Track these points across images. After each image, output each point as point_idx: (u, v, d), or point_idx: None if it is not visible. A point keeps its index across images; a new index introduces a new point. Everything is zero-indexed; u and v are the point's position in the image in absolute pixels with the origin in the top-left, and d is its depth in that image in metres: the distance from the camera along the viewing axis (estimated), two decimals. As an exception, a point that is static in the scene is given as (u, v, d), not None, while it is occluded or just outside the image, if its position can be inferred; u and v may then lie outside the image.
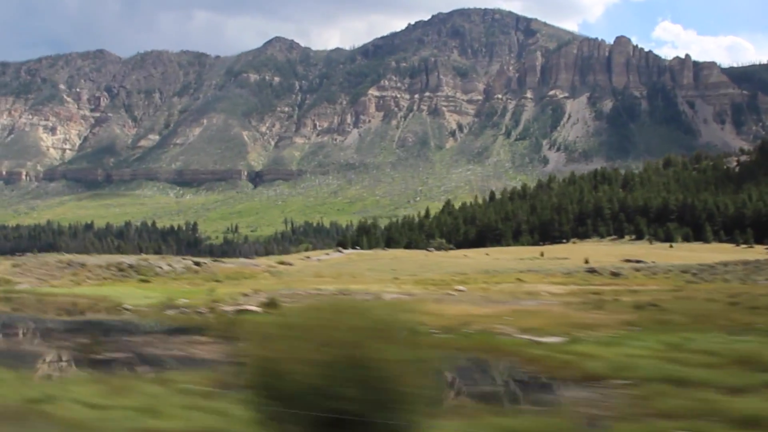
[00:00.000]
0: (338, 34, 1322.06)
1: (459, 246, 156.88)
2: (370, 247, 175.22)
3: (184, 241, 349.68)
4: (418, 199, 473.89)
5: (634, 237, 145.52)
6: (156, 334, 23.95)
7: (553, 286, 38.58)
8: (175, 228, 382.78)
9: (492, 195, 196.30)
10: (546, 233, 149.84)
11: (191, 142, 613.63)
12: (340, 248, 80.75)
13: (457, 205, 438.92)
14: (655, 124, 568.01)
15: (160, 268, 56.94)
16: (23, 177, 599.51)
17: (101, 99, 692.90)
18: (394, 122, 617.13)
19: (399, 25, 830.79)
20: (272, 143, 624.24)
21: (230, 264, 65.55)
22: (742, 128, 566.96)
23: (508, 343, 18.30)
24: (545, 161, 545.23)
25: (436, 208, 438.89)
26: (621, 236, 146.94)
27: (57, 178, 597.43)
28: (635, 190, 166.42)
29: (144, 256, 73.66)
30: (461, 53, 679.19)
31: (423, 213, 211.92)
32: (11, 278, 47.65)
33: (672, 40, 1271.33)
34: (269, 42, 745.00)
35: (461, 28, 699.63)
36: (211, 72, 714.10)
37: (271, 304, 27.31)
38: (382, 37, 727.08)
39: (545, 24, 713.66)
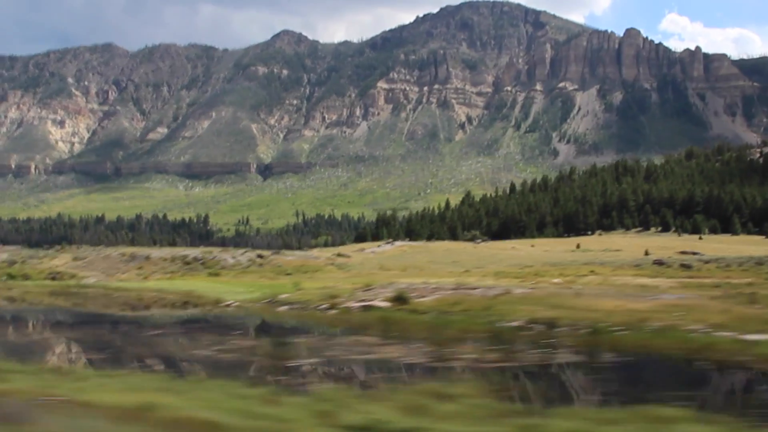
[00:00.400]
0: (344, 27, 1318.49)
1: (481, 237, 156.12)
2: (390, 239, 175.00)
3: (196, 234, 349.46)
4: (428, 191, 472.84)
5: (660, 229, 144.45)
6: (312, 334, 23.00)
7: (645, 279, 37.56)
8: (186, 220, 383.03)
9: (512, 187, 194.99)
10: (570, 225, 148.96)
11: (200, 135, 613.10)
12: (391, 240, 79.41)
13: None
14: (665, 117, 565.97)
15: (225, 260, 56.10)
16: (32, 170, 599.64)
17: (109, 92, 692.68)
18: (403, 114, 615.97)
19: (406, 18, 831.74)
20: (281, 136, 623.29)
21: (290, 257, 64.40)
22: (753, 120, 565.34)
23: (720, 342, 17.32)
24: (555, 153, 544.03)
25: (444, 199, 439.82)
26: (647, 228, 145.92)
27: (66, 171, 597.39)
28: (659, 181, 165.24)
29: (208, 248, 72.63)
30: (470, 46, 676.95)
31: (442, 205, 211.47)
32: (77, 272, 47.12)
33: (679, 33, 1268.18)
34: (277, 35, 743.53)
35: (470, 21, 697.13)
36: (219, 65, 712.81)
37: (400, 300, 26.37)
38: (391, 30, 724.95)
39: (554, 16, 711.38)
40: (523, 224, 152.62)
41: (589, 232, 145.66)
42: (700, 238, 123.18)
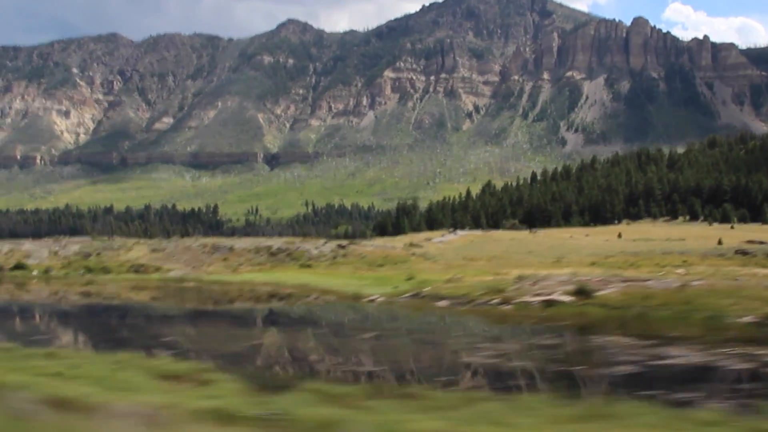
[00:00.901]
0: (347, 17, 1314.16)
1: (506, 225, 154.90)
2: (412, 229, 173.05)
3: (206, 224, 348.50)
4: (437, 180, 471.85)
5: (688, 218, 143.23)
6: (541, 334, 21.25)
7: (756, 268, 36.17)
8: (196, 210, 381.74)
9: (534, 176, 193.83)
10: (597, 214, 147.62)
11: (206, 125, 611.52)
12: (453, 229, 77.49)
13: (477, 187, 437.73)
14: (673, 106, 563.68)
15: (310, 251, 54.59)
16: (37, 161, 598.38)
17: (114, 82, 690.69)
18: (410, 104, 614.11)
19: (409, 7, 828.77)
20: (287, 125, 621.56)
21: (369, 247, 62.30)
22: (761, 110, 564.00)
23: None
24: (563, 142, 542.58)
25: (455, 189, 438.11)
26: (674, 217, 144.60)
27: (71, 162, 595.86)
28: (683, 170, 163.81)
29: (289, 238, 70.76)
30: (476, 35, 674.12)
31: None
32: (160, 264, 45.67)
33: (682, 22, 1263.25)
34: (283, 24, 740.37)
35: (476, 10, 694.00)
36: (224, 55, 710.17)
37: (582, 294, 24.90)
38: (396, 19, 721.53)
39: (560, 5, 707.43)
40: (548, 213, 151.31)
41: (616, 222, 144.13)
42: (732, 227, 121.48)
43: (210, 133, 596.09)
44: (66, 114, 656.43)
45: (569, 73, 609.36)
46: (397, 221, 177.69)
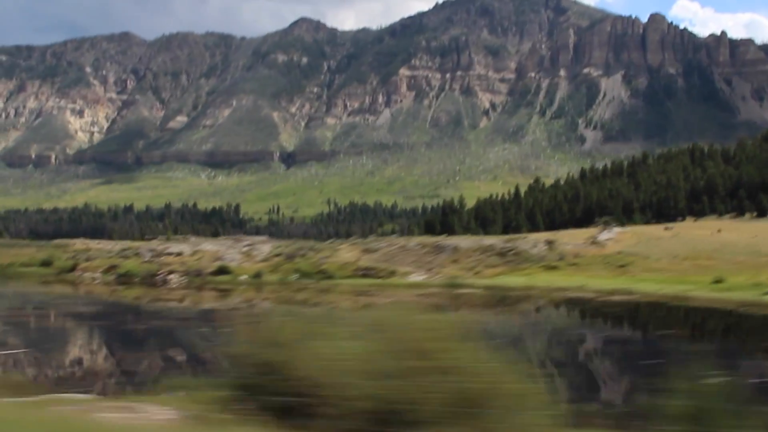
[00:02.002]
0: (354, 15, 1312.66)
1: (563, 225, 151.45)
2: (462, 228, 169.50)
3: (228, 223, 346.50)
4: (457, 178, 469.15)
5: (755, 214, 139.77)
6: None
7: None
8: (217, 209, 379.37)
9: (583, 172, 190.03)
10: (659, 211, 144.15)
11: (221, 124, 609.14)
12: (608, 227, 73.97)
13: (498, 185, 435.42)
14: (692, 102, 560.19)
15: (528, 250, 51.20)
16: (52, 160, 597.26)
17: (128, 81, 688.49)
18: (426, 102, 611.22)
19: (418, 5, 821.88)
20: (303, 124, 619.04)
21: (569, 246, 57.86)
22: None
23: None
24: (582, 140, 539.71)
25: (476, 188, 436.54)
26: (741, 213, 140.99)
27: (86, 161, 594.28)
28: (742, 165, 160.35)
29: (507, 236, 66.34)
30: (491, 32, 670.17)
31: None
32: (390, 267, 41.73)
33: (690, 18, 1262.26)
34: (295, 23, 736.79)
35: (490, 7, 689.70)
36: (237, 53, 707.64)
37: None
38: (410, 17, 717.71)
39: (575, 2, 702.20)
40: (609, 210, 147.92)
41: (680, 218, 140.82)
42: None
43: (225, 132, 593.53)
44: (80, 113, 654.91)
45: (586, 70, 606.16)
46: (444, 219, 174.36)
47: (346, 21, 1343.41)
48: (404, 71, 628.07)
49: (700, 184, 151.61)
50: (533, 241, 55.52)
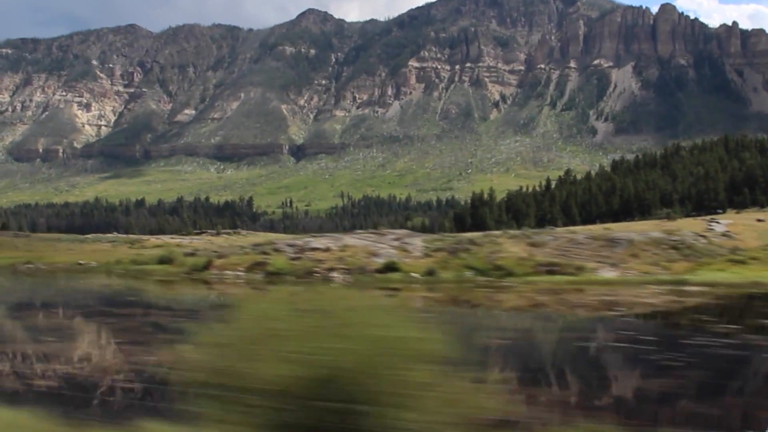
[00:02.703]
0: (357, 7, 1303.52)
1: (600, 218, 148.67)
2: (494, 221, 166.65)
3: (242, 216, 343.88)
4: (469, 171, 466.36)
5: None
6: None
7: None
8: (230, 203, 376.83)
9: (615, 163, 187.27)
10: (700, 203, 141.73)
11: (229, 117, 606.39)
12: (714, 218, 70.85)
13: (510, 177, 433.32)
14: (703, 93, 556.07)
15: (699, 241, 48.03)
16: (60, 154, 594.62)
17: (134, 74, 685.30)
18: (435, 94, 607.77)
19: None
20: (311, 116, 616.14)
21: (703, 240, 54.15)
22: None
23: None
24: (593, 132, 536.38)
25: (489, 180, 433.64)
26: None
27: (94, 155, 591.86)
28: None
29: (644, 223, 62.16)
30: (500, 23, 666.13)
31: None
32: (576, 262, 38.23)
33: (694, 9, 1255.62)
34: (302, 14, 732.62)
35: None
36: (244, 45, 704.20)
37: None
38: (418, 8, 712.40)
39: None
40: (647, 202, 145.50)
41: (720, 211, 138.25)
42: None
43: (234, 125, 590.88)
44: (87, 106, 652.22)
45: (596, 61, 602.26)
46: (475, 212, 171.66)
47: (350, 12, 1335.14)
48: (413, 63, 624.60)
49: (739, 176, 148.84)
50: (690, 233, 52.30)
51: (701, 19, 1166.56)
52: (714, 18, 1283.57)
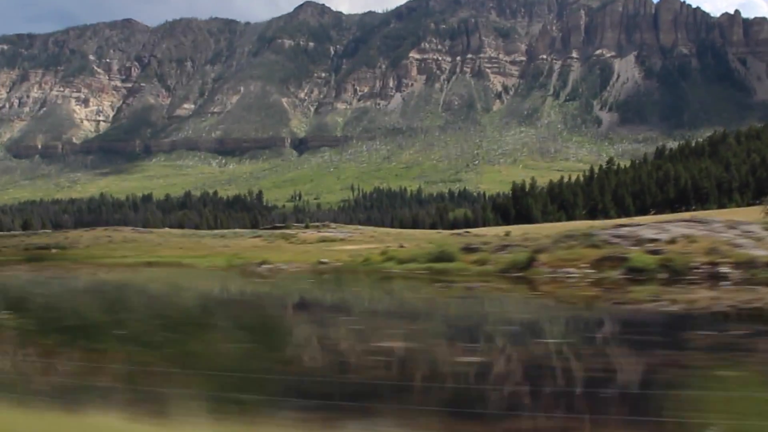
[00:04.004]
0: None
1: (654, 207, 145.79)
2: (542, 213, 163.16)
3: (252, 211, 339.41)
4: (476, 162, 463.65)
5: None
6: None
7: None
8: (241, 197, 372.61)
9: (659, 151, 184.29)
10: (761, 191, 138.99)
11: (229, 111, 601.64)
12: None
13: (518, 168, 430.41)
14: (707, 83, 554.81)
15: None
16: (59, 150, 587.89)
17: (132, 69, 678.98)
18: (437, 85, 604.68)
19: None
20: (312, 109, 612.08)
21: None
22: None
23: None
24: (598, 122, 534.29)
25: (497, 171, 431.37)
26: None
27: (94, 151, 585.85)
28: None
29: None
30: (499, 14, 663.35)
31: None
32: None
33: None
34: (300, 6, 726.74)
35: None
36: (242, 39, 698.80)
37: None
38: (415, 0, 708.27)
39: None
40: (705, 191, 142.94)
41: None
42: None
43: (234, 119, 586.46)
44: (85, 102, 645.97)
45: (599, 51, 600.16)
46: (517, 203, 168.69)
47: (341, 4, 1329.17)
48: (414, 55, 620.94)
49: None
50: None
51: (703, 8, 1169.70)
52: (705, 7, 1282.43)
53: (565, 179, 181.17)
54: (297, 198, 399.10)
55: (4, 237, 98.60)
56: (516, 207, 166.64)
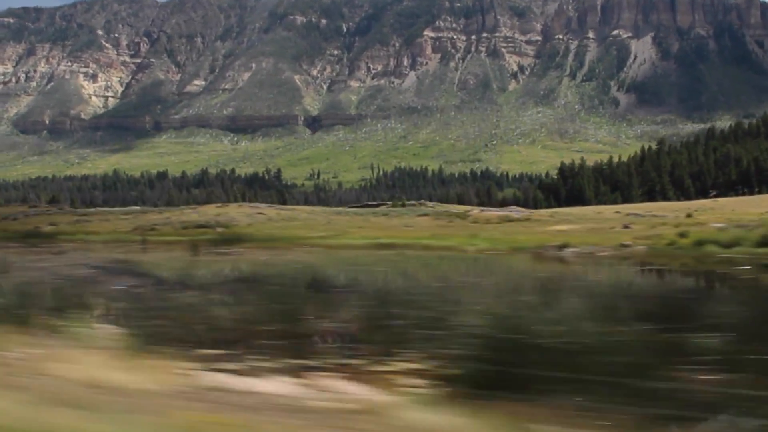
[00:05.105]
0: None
1: (714, 188, 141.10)
2: (594, 194, 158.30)
3: (272, 189, 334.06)
4: (494, 142, 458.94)
5: None
6: None
7: None
8: (259, 175, 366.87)
9: (710, 133, 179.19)
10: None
11: (241, 87, 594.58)
12: None
13: (538, 148, 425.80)
14: (724, 65, 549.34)
15: None
16: (68, 126, 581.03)
17: (141, 44, 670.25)
18: (452, 64, 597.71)
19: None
20: (325, 87, 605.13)
21: None
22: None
23: None
24: (616, 103, 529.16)
25: (515, 152, 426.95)
26: None
27: (103, 127, 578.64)
28: None
29: None
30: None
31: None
32: None
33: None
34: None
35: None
36: (252, 15, 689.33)
37: None
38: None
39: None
40: None
41: None
42: None
43: (246, 96, 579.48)
44: (93, 77, 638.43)
45: (615, 32, 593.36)
46: (566, 183, 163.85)
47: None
48: (428, 33, 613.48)
49: None
50: None
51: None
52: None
53: (587, 161, 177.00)
54: (316, 176, 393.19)
55: (149, 213, 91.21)
56: (566, 187, 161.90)
